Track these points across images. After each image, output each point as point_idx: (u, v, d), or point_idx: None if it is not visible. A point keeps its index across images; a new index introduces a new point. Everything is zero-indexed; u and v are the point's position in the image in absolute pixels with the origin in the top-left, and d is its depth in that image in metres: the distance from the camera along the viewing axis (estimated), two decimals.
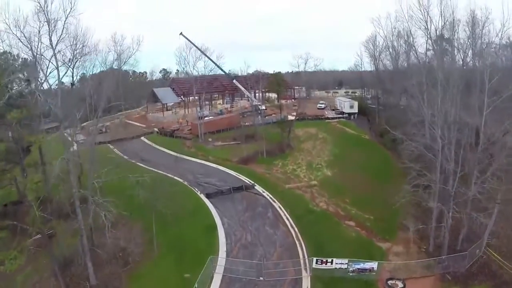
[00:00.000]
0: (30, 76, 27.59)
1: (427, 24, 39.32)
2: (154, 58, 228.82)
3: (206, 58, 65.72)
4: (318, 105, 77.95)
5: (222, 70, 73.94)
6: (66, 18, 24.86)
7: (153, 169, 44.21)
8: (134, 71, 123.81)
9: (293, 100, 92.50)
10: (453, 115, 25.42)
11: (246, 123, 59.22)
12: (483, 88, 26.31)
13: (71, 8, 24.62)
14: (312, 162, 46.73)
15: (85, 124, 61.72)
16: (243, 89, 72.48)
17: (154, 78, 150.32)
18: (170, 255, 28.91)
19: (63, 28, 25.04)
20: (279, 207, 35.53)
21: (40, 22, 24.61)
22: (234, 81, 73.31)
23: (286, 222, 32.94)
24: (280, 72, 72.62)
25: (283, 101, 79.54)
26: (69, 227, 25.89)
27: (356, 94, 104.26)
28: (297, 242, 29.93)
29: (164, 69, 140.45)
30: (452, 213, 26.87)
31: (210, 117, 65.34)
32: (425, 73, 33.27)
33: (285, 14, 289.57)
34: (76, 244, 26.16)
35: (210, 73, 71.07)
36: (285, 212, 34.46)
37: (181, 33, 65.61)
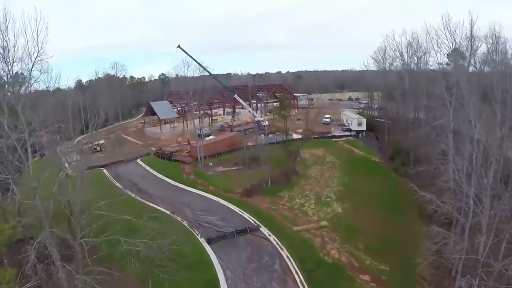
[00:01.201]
0: None
1: (454, 53, 35.93)
2: (153, 59, 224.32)
3: (205, 73, 62.25)
4: (324, 119, 74.09)
5: (222, 85, 70.67)
6: (33, 65, 21.53)
7: (150, 204, 41.56)
8: (132, 77, 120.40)
9: (296, 110, 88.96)
10: (489, 178, 22.16)
11: (249, 143, 56.08)
12: None
13: (38, 52, 21.09)
14: (321, 194, 43.70)
15: (79, 138, 58.60)
16: (244, 104, 69.14)
17: (153, 79, 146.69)
18: None
19: (30, 77, 21.68)
20: (287, 256, 32.63)
21: (5, 65, 21.32)
22: (235, 96, 69.74)
23: (295, 277, 30.10)
24: (285, 97, 68.15)
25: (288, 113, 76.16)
26: None
27: (361, 102, 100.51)
28: None
29: (163, 73, 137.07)
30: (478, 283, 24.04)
31: (211, 137, 61.98)
32: (452, 112, 30.09)
33: (284, 13, 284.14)
34: None
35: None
36: (294, 264, 31.58)
37: (178, 46, 61.91)
